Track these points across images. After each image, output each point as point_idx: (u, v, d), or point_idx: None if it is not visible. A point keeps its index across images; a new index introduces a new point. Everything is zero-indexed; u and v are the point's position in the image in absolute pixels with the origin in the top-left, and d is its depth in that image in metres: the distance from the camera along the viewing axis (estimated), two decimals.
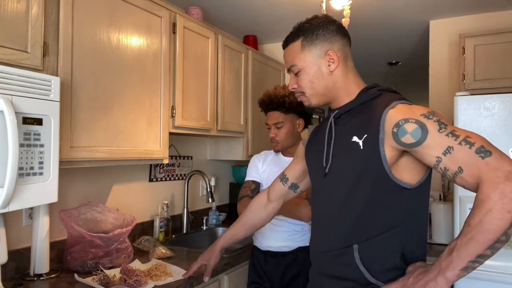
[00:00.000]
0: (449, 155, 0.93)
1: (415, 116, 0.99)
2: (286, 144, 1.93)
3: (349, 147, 1.09)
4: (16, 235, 1.67)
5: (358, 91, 1.16)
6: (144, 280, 1.54)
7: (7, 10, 1.31)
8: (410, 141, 0.98)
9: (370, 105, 1.10)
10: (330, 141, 1.16)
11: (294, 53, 1.18)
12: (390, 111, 1.02)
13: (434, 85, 2.94)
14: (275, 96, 1.89)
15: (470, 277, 2.02)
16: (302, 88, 1.18)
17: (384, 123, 1.01)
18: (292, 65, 1.18)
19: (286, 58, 1.21)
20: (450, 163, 0.93)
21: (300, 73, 1.17)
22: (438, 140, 0.95)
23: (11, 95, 1.23)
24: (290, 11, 2.75)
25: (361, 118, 1.10)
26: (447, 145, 0.93)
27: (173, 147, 2.59)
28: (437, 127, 0.96)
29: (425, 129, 0.96)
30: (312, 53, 1.15)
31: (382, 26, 3.03)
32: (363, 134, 1.06)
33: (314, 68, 1.15)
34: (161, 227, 2.30)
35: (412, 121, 0.98)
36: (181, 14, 2.14)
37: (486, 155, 0.89)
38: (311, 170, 1.27)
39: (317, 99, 1.18)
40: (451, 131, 0.95)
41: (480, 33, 2.48)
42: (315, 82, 1.16)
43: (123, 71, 1.76)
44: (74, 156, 1.53)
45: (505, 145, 1.97)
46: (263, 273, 1.92)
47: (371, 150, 1.03)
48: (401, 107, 1.03)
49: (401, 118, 0.99)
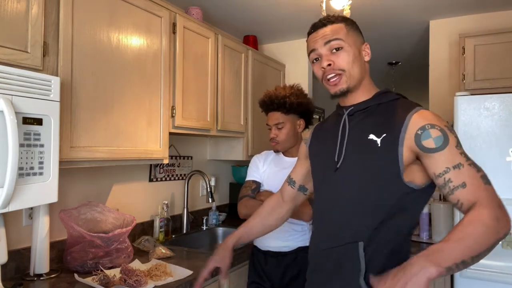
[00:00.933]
0: (457, 169, 1.00)
1: (441, 124, 1.04)
2: (287, 145, 1.93)
3: (365, 145, 1.10)
4: (16, 235, 1.67)
5: (374, 92, 1.18)
6: (144, 280, 1.54)
7: (7, 10, 1.31)
8: (431, 145, 1.02)
9: (388, 107, 1.13)
10: (344, 137, 1.16)
11: (339, 29, 1.15)
12: (414, 115, 1.06)
13: (434, 85, 2.94)
14: (276, 97, 1.89)
15: (470, 277, 2.02)
16: (341, 65, 1.13)
17: (407, 125, 1.05)
18: (336, 37, 1.13)
19: (329, 31, 1.14)
20: (456, 177, 1.00)
21: (341, 51, 1.13)
22: (453, 154, 1.02)
23: (11, 95, 1.23)
24: (290, 11, 2.75)
25: (379, 118, 1.12)
26: (459, 161, 1.01)
27: (173, 147, 2.59)
28: (456, 143, 1.03)
29: (447, 139, 1.02)
30: (355, 37, 1.16)
31: (382, 26, 3.03)
32: (382, 133, 1.08)
33: (356, 51, 1.15)
34: (161, 227, 2.30)
35: (438, 128, 1.03)
36: (181, 14, 2.14)
37: (487, 183, 0.99)
38: (317, 165, 1.26)
39: (353, 82, 1.14)
40: (464, 152, 1.03)
41: (480, 33, 2.48)
42: (356, 64, 1.14)
43: (123, 71, 1.76)
44: (74, 156, 1.53)
45: (505, 145, 1.98)
46: (263, 273, 1.92)
47: (389, 149, 1.05)
48: (425, 112, 1.07)
49: (428, 123, 1.04)
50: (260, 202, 1.90)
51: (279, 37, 3.36)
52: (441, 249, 0.90)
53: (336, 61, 1.13)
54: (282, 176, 1.95)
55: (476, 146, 2.03)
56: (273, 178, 1.96)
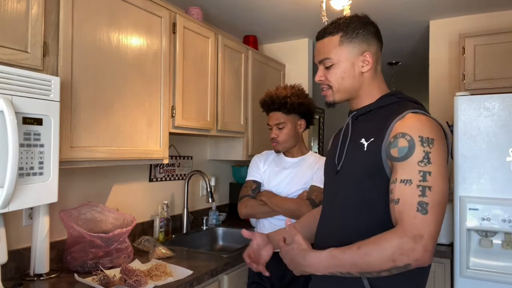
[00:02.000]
0: (402, 184, 0.98)
1: (413, 134, 1.01)
2: (288, 145, 1.94)
3: (356, 148, 1.12)
4: (16, 235, 1.67)
5: (379, 95, 1.18)
6: (144, 280, 1.54)
7: (7, 10, 1.31)
8: (395, 154, 1.02)
9: (386, 111, 1.13)
10: (345, 141, 1.19)
11: (331, 46, 1.17)
12: (399, 122, 1.05)
13: (434, 85, 2.94)
14: (277, 97, 1.89)
15: (470, 277, 2.02)
16: (330, 82, 1.17)
17: (390, 132, 1.05)
18: (326, 57, 1.17)
19: (321, 49, 1.19)
20: (396, 191, 0.99)
21: (332, 67, 1.16)
22: (409, 169, 0.98)
23: (11, 95, 1.23)
24: (290, 11, 2.75)
25: (374, 122, 1.13)
26: (410, 178, 0.97)
27: (173, 147, 2.59)
28: (420, 157, 0.98)
29: (411, 152, 0.99)
30: (349, 50, 1.16)
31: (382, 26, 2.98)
32: (370, 137, 1.09)
33: (347, 65, 1.16)
34: (161, 227, 2.30)
35: (408, 138, 1.01)
36: (181, 14, 2.14)
37: (422, 212, 0.94)
38: (325, 169, 1.30)
39: (341, 95, 1.19)
40: (426, 172, 0.97)
41: (480, 33, 2.48)
42: (345, 79, 1.16)
43: (123, 71, 1.76)
44: (74, 156, 1.53)
45: (505, 145, 1.98)
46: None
47: (374, 153, 1.06)
48: (409, 118, 1.04)
49: (402, 131, 1.02)
50: (260, 202, 1.91)
51: (279, 37, 3.36)
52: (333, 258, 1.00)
53: (328, 77, 1.18)
54: (283, 176, 1.95)
55: (476, 146, 2.03)
56: (273, 178, 1.96)
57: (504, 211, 1.95)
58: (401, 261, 0.93)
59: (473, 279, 2.02)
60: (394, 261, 0.93)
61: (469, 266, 2.05)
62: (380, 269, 0.95)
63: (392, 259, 0.92)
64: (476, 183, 2.02)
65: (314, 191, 1.83)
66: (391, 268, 0.94)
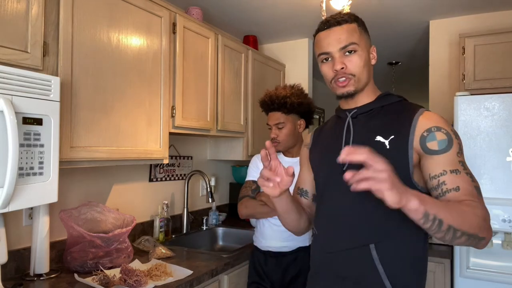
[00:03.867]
0: (454, 174, 1.01)
1: (447, 128, 1.06)
2: (287, 145, 1.94)
3: (372, 146, 1.05)
4: (16, 235, 1.67)
5: (376, 94, 1.19)
6: (144, 280, 1.54)
7: (7, 10, 1.31)
8: (434, 147, 1.03)
9: (391, 109, 1.14)
10: (348, 139, 1.15)
11: (353, 31, 1.13)
12: (421, 117, 1.08)
13: (434, 85, 2.94)
14: (276, 97, 1.89)
15: (470, 277, 2.02)
16: (352, 70, 1.12)
17: (415, 127, 1.06)
18: (352, 42, 1.11)
19: (342, 35, 1.12)
20: (451, 181, 1.00)
21: (355, 54, 1.12)
22: (453, 160, 1.02)
23: (11, 95, 1.23)
24: (290, 11, 2.75)
25: (384, 119, 1.13)
26: (457, 168, 1.02)
27: (173, 147, 2.59)
28: (458, 149, 1.04)
29: (451, 143, 1.03)
30: (366, 40, 1.16)
31: (382, 26, 3.03)
32: (389, 135, 1.09)
33: (367, 55, 1.15)
34: (161, 227, 2.30)
35: (444, 131, 1.04)
36: (181, 14, 2.14)
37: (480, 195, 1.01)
38: (320, 170, 1.24)
39: (360, 85, 1.15)
40: (463, 161, 1.04)
41: (480, 33, 2.48)
42: (365, 69, 1.14)
43: (123, 71, 1.76)
44: (74, 156, 1.53)
45: (505, 145, 1.98)
46: (263, 273, 1.92)
47: (398, 151, 1.06)
48: (432, 114, 1.09)
49: (435, 125, 1.05)
50: (260, 202, 1.91)
51: (279, 37, 3.36)
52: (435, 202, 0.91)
53: (349, 65, 1.12)
54: None
55: (476, 146, 2.03)
56: None
57: (504, 211, 1.95)
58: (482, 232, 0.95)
59: (473, 279, 2.02)
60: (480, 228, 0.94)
61: (469, 266, 2.05)
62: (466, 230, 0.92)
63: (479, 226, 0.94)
64: None
65: None
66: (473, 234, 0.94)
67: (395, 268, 1.06)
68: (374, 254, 1.06)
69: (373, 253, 1.07)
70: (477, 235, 0.94)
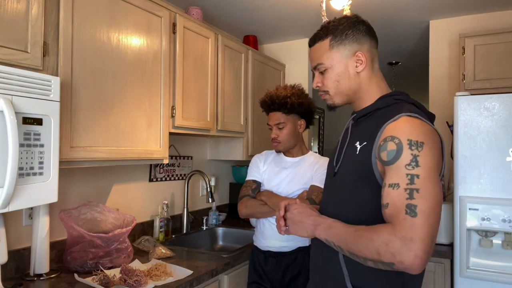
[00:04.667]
0: (390, 189, 0.96)
1: (402, 137, 0.99)
2: (288, 145, 1.94)
3: (351, 151, 1.13)
4: (16, 235, 1.67)
5: (378, 96, 1.16)
6: (144, 280, 1.54)
7: (7, 10, 1.31)
8: (384, 158, 1.01)
9: (382, 113, 1.11)
10: (344, 143, 1.20)
11: (322, 51, 1.17)
12: (390, 125, 1.03)
13: (434, 85, 2.94)
14: (277, 97, 1.89)
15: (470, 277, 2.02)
16: (326, 87, 1.18)
17: (380, 135, 1.04)
18: (318, 63, 1.18)
19: (313, 56, 1.20)
20: (385, 196, 0.98)
21: (326, 72, 1.17)
22: (396, 173, 0.97)
23: (11, 95, 1.23)
24: (290, 11, 2.75)
25: (370, 124, 1.12)
26: (397, 182, 0.96)
27: (173, 147, 2.59)
28: (408, 161, 0.96)
29: (399, 155, 0.97)
30: (341, 52, 1.15)
31: (382, 26, 3.03)
32: (363, 141, 1.09)
33: (341, 68, 1.15)
34: (161, 227, 2.30)
35: (396, 141, 0.99)
36: (181, 14, 2.14)
37: (411, 214, 0.92)
38: (327, 170, 1.31)
39: (340, 98, 1.18)
40: (414, 175, 0.95)
41: (480, 33, 2.48)
42: (341, 82, 1.16)
43: (123, 71, 1.76)
44: (74, 156, 1.53)
45: (505, 145, 1.98)
46: (263, 273, 1.92)
47: (365, 157, 1.06)
48: (402, 121, 1.02)
49: (391, 135, 1.01)
50: (260, 202, 1.91)
51: (279, 37, 3.36)
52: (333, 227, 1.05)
53: (324, 82, 1.18)
54: (283, 176, 1.95)
55: (476, 146, 2.03)
56: (273, 178, 1.96)
57: (504, 211, 1.95)
58: (385, 257, 0.92)
59: (473, 279, 2.02)
60: (379, 254, 0.93)
61: (469, 266, 2.05)
62: (365, 256, 0.96)
63: (378, 252, 0.93)
64: (476, 183, 2.02)
65: (314, 190, 1.83)
66: (376, 260, 0.94)
67: (358, 270, 1.06)
68: (341, 256, 1.09)
69: (339, 256, 1.10)
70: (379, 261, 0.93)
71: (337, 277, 1.10)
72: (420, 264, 0.89)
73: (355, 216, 1.08)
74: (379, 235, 0.93)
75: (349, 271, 1.08)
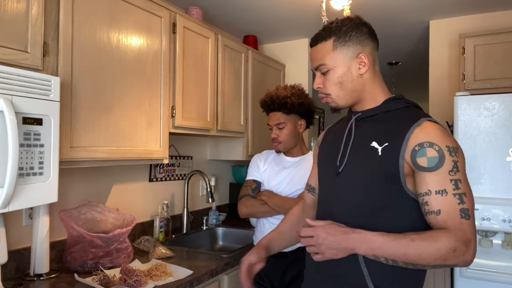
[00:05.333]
0: (439, 195, 1.00)
1: (441, 144, 1.02)
2: (288, 145, 1.94)
3: (366, 152, 1.10)
4: (16, 235, 1.67)
5: (383, 98, 1.16)
6: (144, 280, 1.54)
7: (7, 10, 1.31)
8: (423, 164, 1.02)
9: (395, 115, 1.12)
10: (348, 142, 1.17)
11: (325, 51, 1.15)
12: (417, 129, 1.05)
13: (434, 85, 2.94)
14: (277, 97, 1.89)
15: (470, 277, 2.02)
16: (328, 89, 1.15)
17: (409, 138, 1.04)
18: (321, 64, 1.15)
19: (315, 56, 1.17)
20: (434, 203, 1.00)
21: (328, 73, 1.14)
22: (442, 179, 1.00)
23: (11, 95, 1.23)
24: (290, 11, 2.75)
25: (384, 125, 1.11)
26: (444, 188, 1.00)
27: (173, 147, 2.59)
28: (451, 167, 1.01)
29: (442, 161, 1.01)
30: (344, 54, 1.13)
31: (382, 26, 3.03)
32: (384, 142, 1.08)
33: (344, 69, 1.13)
34: (161, 227, 2.30)
35: (436, 148, 1.01)
36: (181, 14, 2.14)
37: (466, 218, 0.98)
38: (322, 168, 1.27)
39: (345, 100, 1.16)
40: (457, 180, 1.00)
41: (480, 33, 2.48)
42: (344, 84, 1.14)
43: (123, 71, 1.76)
44: (74, 156, 1.53)
45: (505, 145, 1.98)
46: (264, 273, 1.92)
47: (389, 159, 1.05)
48: (430, 126, 1.05)
49: (427, 140, 1.02)
50: (260, 202, 1.91)
51: (279, 37, 3.36)
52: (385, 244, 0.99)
53: (325, 84, 1.16)
54: (283, 176, 1.95)
55: (476, 146, 2.03)
56: (273, 178, 1.96)
57: (504, 211, 1.95)
58: (451, 261, 0.97)
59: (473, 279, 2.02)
60: (445, 260, 0.96)
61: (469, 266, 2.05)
62: (428, 264, 0.98)
63: (444, 258, 0.96)
64: (476, 183, 2.02)
65: None
66: (439, 265, 0.98)
67: (380, 271, 1.06)
68: (361, 257, 1.07)
69: (359, 257, 1.07)
70: (443, 265, 0.98)
71: (356, 280, 1.08)
72: (474, 256, 0.98)
73: (373, 219, 1.06)
74: (445, 243, 0.96)
75: (369, 271, 1.06)
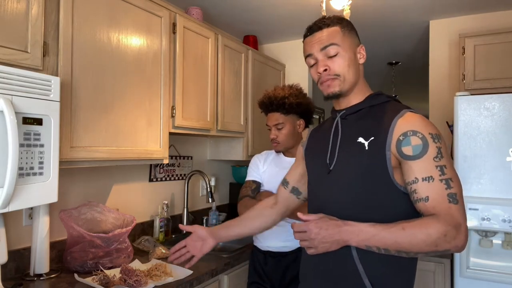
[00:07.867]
0: (425, 182, 1.01)
1: (424, 132, 1.03)
2: (287, 145, 1.93)
3: (354, 148, 1.11)
4: (16, 235, 1.67)
5: (367, 94, 1.19)
6: (144, 280, 1.54)
7: (7, 10, 1.31)
8: (408, 153, 1.03)
9: (378, 109, 1.14)
10: (336, 140, 1.18)
11: (335, 33, 1.14)
12: (400, 119, 1.06)
13: (434, 85, 2.94)
14: (275, 98, 1.89)
15: (470, 277, 2.02)
16: (336, 70, 1.14)
17: (393, 130, 1.05)
18: (332, 43, 1.13)
19: (323, 38, 1.14)
20: (422, 190, 1.01)
21: (338, 55, 1.14)
22: (428, 166, 1.01)
23: (11, 95, 1.23)
24: (290, 11, 2.75)
25: (369, 121, 1.13)
26: (431, 175, 1.01)
27: (173, 147, 2.59)
28: (435, 153, 1.02)
29: (426, 148, 1.02)
30: (351, 40, 1.16)
31: (382, 26, 3.03)
32: (370, 136, 1.09)
33: (351, 54, 1.15)
34: (161, 227, 2.30)
35: (420, 135, 1.03)
36: (181, 14, 2.14)
37: (454, 202, 0.99)
38: (312, 168, 1.27)
39: (349, 84, 1.16)
40: (442, 165, 1.01)
41: (480, 33, 2.48)
42: (351, 68, 1.15)
43: (123, 71, 1.76)
44: (74, 156, 1.53)
45: (505, 145, 1.98)
46: (263, 273, 1.92)
47: (376, 152, 1.06)
48: (412, 116, 1.07)
49: (410, 129, 1.04)
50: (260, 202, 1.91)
51: (279, 37, 3.36)
52: (376, 233, 1.00)
53: (332, 67, 1.14)
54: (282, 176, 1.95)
55: (476, 146, 2.03)
56: (273, 178, 1.96)
57: (504, 211, 1.95)
58: (442, 246, 0.97)
59: (473, 279, 2.02)
60: (436, 246, 0.97)
61: (469, 266, 2.05)
62: (421, 251, 0.99)
63: (436, 244, 0.97)
64: (476, 183, 2.02)
65: None
66: (432, 251, 0.98)
67: (375, 267, 1.07)
68: (354, 253, 1.08)
69: (353, 252, 1.08)
70: (435, 251, 0.98)
71: (352, 277, 1.08)
72: (466, 241, 0.99)
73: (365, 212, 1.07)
74: (434, 229, 0.96)
75: (364, 267, 1.07)
